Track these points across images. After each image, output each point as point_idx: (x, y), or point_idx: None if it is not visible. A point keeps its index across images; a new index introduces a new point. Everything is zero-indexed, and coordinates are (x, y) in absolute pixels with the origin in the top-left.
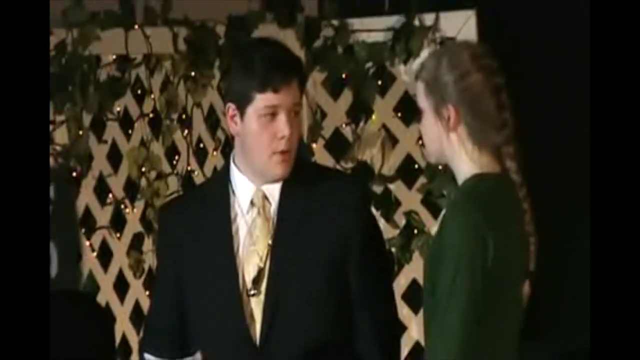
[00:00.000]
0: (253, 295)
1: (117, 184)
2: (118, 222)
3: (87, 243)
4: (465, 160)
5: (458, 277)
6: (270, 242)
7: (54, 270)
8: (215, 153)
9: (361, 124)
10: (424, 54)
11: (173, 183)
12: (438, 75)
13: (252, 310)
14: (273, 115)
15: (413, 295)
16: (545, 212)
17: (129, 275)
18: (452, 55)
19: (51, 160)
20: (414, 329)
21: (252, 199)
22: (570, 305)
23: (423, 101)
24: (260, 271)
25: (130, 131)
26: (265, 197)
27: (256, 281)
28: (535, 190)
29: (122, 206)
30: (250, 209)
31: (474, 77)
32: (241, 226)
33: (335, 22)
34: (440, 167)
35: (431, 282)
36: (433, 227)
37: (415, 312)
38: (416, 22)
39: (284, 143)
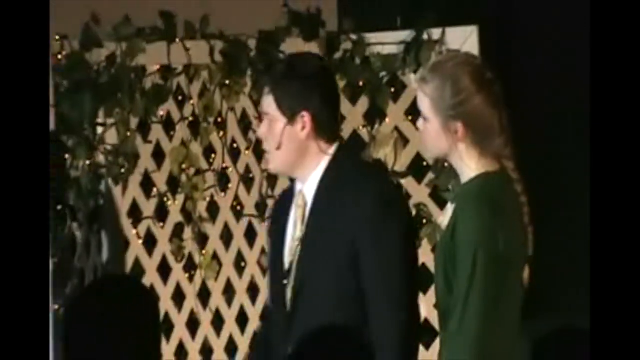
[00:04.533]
0: (285, 285)
1: (160, 179)
2: (161, 213)
3: (134, 232)
4: (471, 164)
5: (476, 269)
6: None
7: (104, 256)
8: (247, 152)
9: (376, 126)
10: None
11: (210, 178)
12: (444, 97)
13: (288, 297)
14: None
15: (421, 278)
16: (546, 205)
17: (171, 260)
18: (454, 80)
19: (102, 158)
20: (422, 308)
21: (297, 199)
22: (570, 286)
23: (429, 112)
24: (291, 264)
25: (172, 132)
26: (303, 197)
27: (288, 272)
28: (535, 188)
29: (165, 199)
30: (296, 208)
31: (477, 98)
32: (291, 223)
33: (353, 37)
34: (445, 165)
35: (447, 277)
36: (439, 218)
37: (424, 292)
38: (425, 36)
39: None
